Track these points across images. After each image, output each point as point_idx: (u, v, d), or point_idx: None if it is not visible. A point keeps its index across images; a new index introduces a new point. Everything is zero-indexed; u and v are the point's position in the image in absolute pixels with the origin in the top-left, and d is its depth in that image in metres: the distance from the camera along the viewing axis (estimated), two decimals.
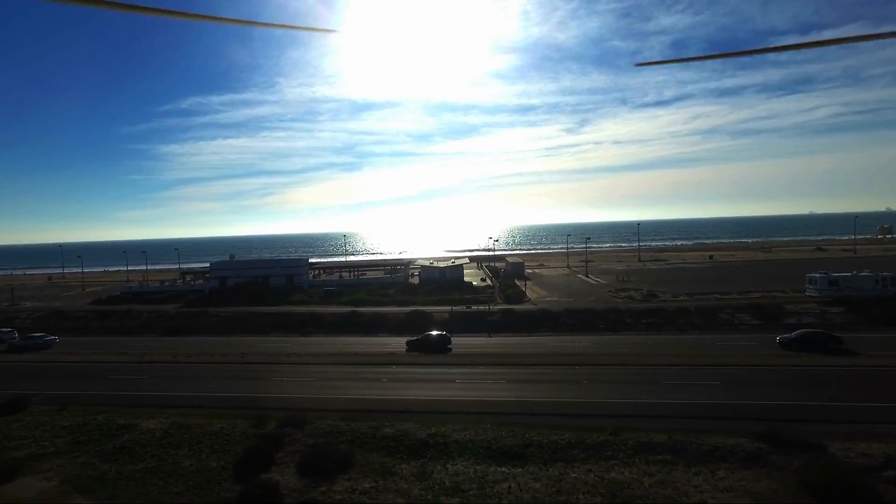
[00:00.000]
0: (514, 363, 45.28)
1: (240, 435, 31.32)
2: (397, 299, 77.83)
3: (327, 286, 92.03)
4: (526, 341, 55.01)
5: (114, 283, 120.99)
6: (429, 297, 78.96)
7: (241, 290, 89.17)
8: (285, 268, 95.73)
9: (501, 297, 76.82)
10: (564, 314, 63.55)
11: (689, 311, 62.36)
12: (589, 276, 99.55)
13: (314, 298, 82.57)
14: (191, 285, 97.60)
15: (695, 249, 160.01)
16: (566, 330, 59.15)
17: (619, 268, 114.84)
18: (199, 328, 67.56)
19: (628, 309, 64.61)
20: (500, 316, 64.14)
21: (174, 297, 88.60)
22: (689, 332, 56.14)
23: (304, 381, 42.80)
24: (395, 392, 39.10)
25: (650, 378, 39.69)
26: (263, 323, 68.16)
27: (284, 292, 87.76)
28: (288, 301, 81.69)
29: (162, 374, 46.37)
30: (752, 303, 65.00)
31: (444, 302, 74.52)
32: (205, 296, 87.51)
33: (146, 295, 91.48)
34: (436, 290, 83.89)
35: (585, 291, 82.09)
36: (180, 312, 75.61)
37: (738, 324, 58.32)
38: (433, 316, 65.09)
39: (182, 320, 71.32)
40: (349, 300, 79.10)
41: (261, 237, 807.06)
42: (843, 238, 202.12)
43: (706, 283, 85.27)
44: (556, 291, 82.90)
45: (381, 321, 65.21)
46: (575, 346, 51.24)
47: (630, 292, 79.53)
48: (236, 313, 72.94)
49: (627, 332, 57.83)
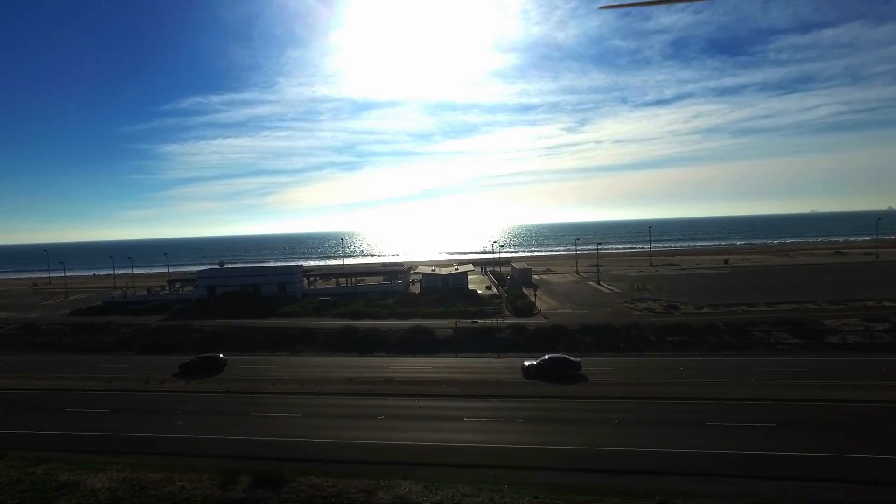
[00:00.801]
0: (530, 395, 39.48)
1: (202, 500, 25.55)
2: (397, 311, 72.07)
3: (322, 295, 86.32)
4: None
5: (100, 290, 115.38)
6: (431, 307, 73.22)
7: (231, 299, 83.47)
8: (278, 276, 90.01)
9: (510, 309, 71.05)
10: (581, 331, 57.76)
11: (719, 328, 56.58)
12: (601, 284, 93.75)
13: (307, 310, 76.82)
14: (177, 294, 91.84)
15: (707, 252, 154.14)
16: (584, 350, 53.35)
17: (630, 273, 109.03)
18: (181, 345, 61.79)
19: (650, 324, 58.80)
20: (509, 333, 58.36)
21: (159, 308, 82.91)
22: (721, 353, 50.35)
23: (288, 416, 37.06)
24: (394, 434, 33.34)
25: (692, 417, 33.90)
26: (251, 339, 62.42)
27: (276, 302, 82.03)
28: (279, 312, 75.96)
29: (127, 406, 40.60)
30: (787, 317, 59.22)
31: (448, 314, 68.78)
32: (191, 306, 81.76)
33: (129, 305, 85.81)
34: (438, 299, 78.18)
35: (599, 302, 76.30)
36: (162, 326, 69.86)
37: (774, 343, 52.49)
38: (436, 332, 59.32)
39: (163, 336, 65.57)
40: (345, 312, 73.37)
41: (261, 237, 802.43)
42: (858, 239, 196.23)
43: (728, 293, 79.52)
44: (568, 301, 77.13)
45: (379, 338, 59.46)
46: (597, 370, 45.43)
47: (648, 303, 73.77)
48: (223, 327, 67.20)
49: (652, 352, 52.04)
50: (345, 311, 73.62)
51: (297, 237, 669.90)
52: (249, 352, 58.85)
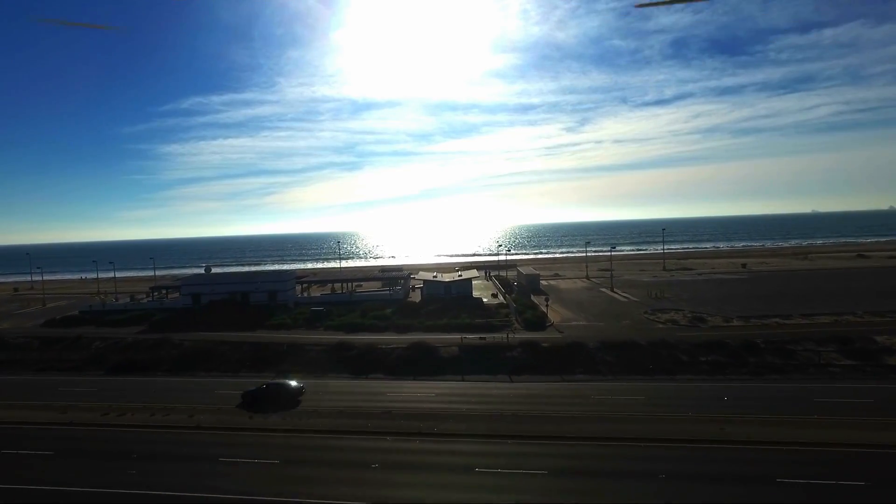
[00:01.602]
0: (553, 435, 33.15)
1: None
2: (396, 323, 65.77)
3: (315, 304, 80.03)
4: (559, 390, 42.92)
5: (84, 296, 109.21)
6: (433, 319, 66.94)
7: (216, 309, 77.20)
8: (267, 283, 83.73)
9: (520, 322, 64.75)
10: (601, 349, 51.47)
11: (759, 346, 50.26)
12: (615, 291, 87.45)
13: (298, 321, 70.53)
14: (160, 302, 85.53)
15: (721, 255, 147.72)
16: (607, 371, 47.09)
17: (644, 279, 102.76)
18: (156, 363, 55.53)
19: (679, 341, 52.51)
20: (521, 351, 52.06)
21: (139, 318, 76.61)
22: (766, 378, 44.03)
23: (264, 464, 30.74)
24: (390, 491, 27.06)
25: (757, 469, 27.60)
26: (233, 357, 56.16)
27: (265, 312, 75.76)
28: (268, 324, 69.68)
29: (73, 451, 34.09)
30: (831, 332, 52.93)
31: (452, 327, 62.52)
32: (173, 316, 75.47)
33: (108, 315, 79.49)
34: (441, 309, 71.91)
35: (616, 312, 70.01)
36: (138, 341, 63.58)
37: (824, 364, 46.18)
38: (439, 350, 53.04)
39: (137, 352, 59.32)
40: (339, 324, 67.11)
41: (261, 237, 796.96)
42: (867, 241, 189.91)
43: (754, 301, 73.26)
44: (582, 312, 70.85)
45: (376, 356, 53.20)
46: (626, 400, 39.16)
47: (670, 313, 67.52)
48: (204, 342, 60.95)
49: (685, 374, 45.73)
50: (339, 323, 67.37)
51: (297, 237, 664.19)
52: (231, 373, 52.58)
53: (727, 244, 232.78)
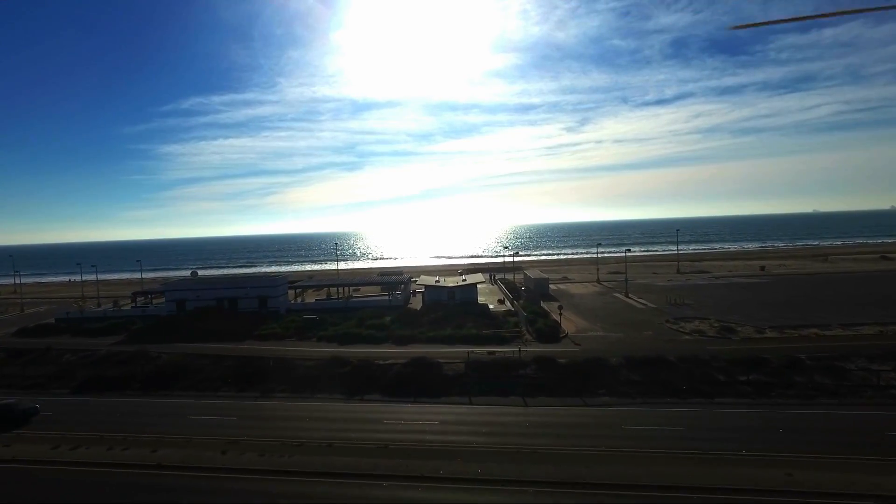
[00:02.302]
0: (582, 482, 27.45)
1: None
2: (395, 334, 60.15)
3: (309, 311, 74.53)
4: (581, 418, 37.27)
5: (66, 300, 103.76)
6: (435, 328, 61.36)
7: (201, 317, 71.61)
8: (258, 288, 78.10)
9: (531, 332, 59.13)
10: (625, 366, 45.80)
11: (803, 363, 44.61)
12: (630, 296, 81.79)
13: (289, 330, 64.94)
14: (143, 309, 79.91)
15: (736, 257, 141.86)
16: (634, 393, 41.40)
17: (658, 283, 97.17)
18: (128, 379, 49.90)
19: (713, 357, 46.84)
20: (535, 368, 46.38)
21: (118, 327, 71.09)
22: (818, 402, 38.32)
23: None
24: None
25: None
26: (214, 373, 50.55)
27: (255, 320, 70.24)
28: (256, 334, 64.15)
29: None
30: (881, 346, 47.37)
31: (457, 339, 56.96)
32: (155, 325, 69.89)
33: (85, 323, 74.02)
34: (444, 317, 66.34)
35: (635, 321, 64.39)
36: (112, 353, 58.02)
37: (885, 386, 40.48)
38: (443, 367, 47.41)
39: (109, 366, 53.75)
40: (333, 334, 61.57)
41: (262, 237, 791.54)
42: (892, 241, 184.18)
43: (783, 308, 67.70)
44: (598, 320, 65.21)
45: (373, 373, 47.59)
46: (662, 432, 33.53)
47: (694, 322, 61.96)
48: (183, 356, 55.41)
49: (725, 398, 40.02)
50: (333, 334, 61.82)
51: (298, 237, 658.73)
52: (210, 391, 46.97)
53: (736, 245, 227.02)
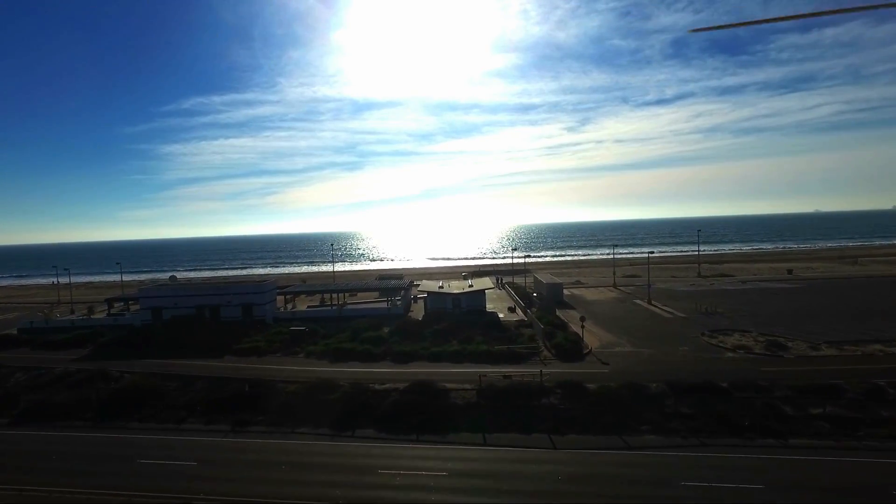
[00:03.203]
0: None
1: None
2: (394, 349, 52.59)
3: (299, 320, 67.06)
4: (627, 467, 29.64)
5: (43, 305, 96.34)
6: (440, 343, 53.84)
7: (179, 327, 64.14)
8: (242, 295, 70.51)
9: (550, 348, 51.59)
10: (669, 393, 38.24)
11: (884, 391, 37.08)
12: (653, 304, 74.20)
13: (275, 344, 57.46)
14: (114, 318, 72.34)
15: (758, 259, 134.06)
16: (686, 430, 33.83)
17: (679, 287, 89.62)
18: (79, 407, 42.32)
19: (772, 382, 39.29)
20: (562, 396, 38.83)
21: (85, 338, 63.56)
22: None
23: None
24: None
25: None
26: (181, 399, 43.04)
27: (238, 330, 62.79)
28: (237, 348, 56.61)
29: None
30: None
31: (465, 356, 49.53)
32: (125, 337, 62.34)
33: (50, 333, 66.50)
34: (449, 329, 58.79)
35: (666, 333, 56.88)
36: (68, 373, 50.53)
37: None
38: (450, 394, 39.86)
39: (60, 390, 46.24)
40: (324, 350, 54.09)
41: (262, 237, 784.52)
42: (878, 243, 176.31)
43: (830, 318, 60.20)
44: (623, 333, 57.68)
45: (366, 400, 40.02)
46: (737, 493, 25.98)
47: (734, 336, 54.46)
48: (150, 376, 47.93)
49: (799, 438, 32.48)
50: (324, 349, 54.32)
51: (298, 237, 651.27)
52: (173, 423, 39.44)
53: (748, 245, 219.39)
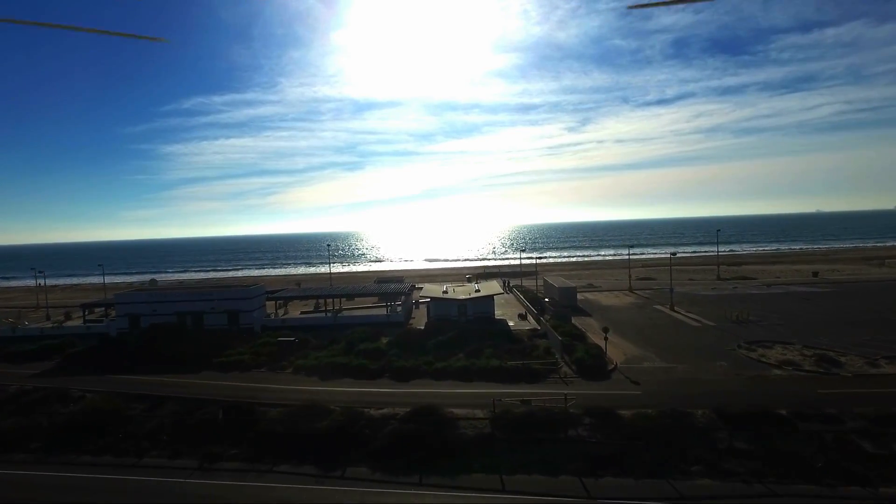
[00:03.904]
0: None
1: None
2: (393, 365, 46.52)
3: (289, 328, 61.05)
4: None
5: (19, 310, 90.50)
6: (445, 357, 47.86)
7: (158, 336, 58.16)
8: (228, 301, 64.47)
9: (569, 364, 45.49)
10: (719, 424, 32.15)
11: None
12: (676, 310, 68.08)
13: (260, 357, 51.45)
14: (87, 327, 66.35)
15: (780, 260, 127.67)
16: (746, 472, 27.72)
17: (702, 291, 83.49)
18: (27, 435, 36.36)
19: (840, 410, 33.19)
20: (592, 426, 32.72)
21: (53, 349, 57.68)
22: None
23: None
24: None
25: None
26: (146, 425, 37.01)
27: (222, 340, 56.82)
28: (218, 362, 50.64)
29: None
30: None
31: (474, 372, 43.52)
32: (96, 348, 56.40)
33: (14, 344, 60.57)
34: (455, 339, 52.75)
35: (697, 345, 50.80)
36: (23, 392, 44.56)
37: None
38: (459, 424, 33.79)
39: (10, 413, 40.16)
40: (313, 365, 48.07)
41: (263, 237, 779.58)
42: None
43: (883, 327, 54.09)
44: (649, 344, 51.61)
45: (360, 429, 33.97)
46: None
47: (775, 348, 48.44)
48: (114, 395, 41.97)
49: (891, 485, 26.43)
50: (314, 363, 48.30)
51: (298, 237, 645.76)
52: (133, 457, 33.40)
53: (754, 245, 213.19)
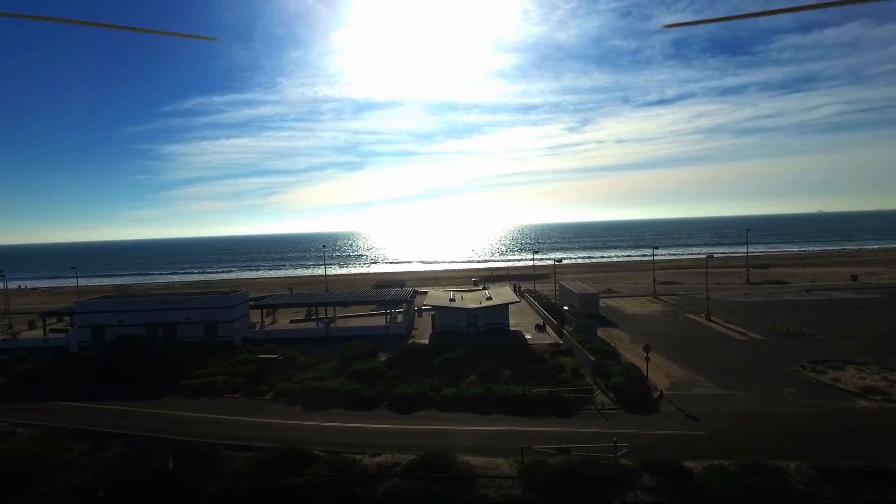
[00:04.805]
0: None
1: None
2: (392, 392, 38.61)
3: (273, 342, 53.24)
4: None
5: None
6: (455, 379, 40.11)
7: (123, 351, 50.41)
8: (204, 310, 56.61)
9: (606, 390, 37.61)
10: (820, 482, 24.34)
11: None
12: (713, 320, 60.16)
13: (236, 378, 43.57)
14: (44, 340, 58.45)
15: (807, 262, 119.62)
16: None
17: (735, 298, 75.57)
18: None
19: None
20: (653, 488, 24.83)
21: (4, 364, 49.98)
22: None
23: None
24: None
25: None
26: (82, 475, 29.31)
27: (196, 356, 49.06)
28: (186, 384, 42.82)
29: None
30: None
31: (491, 403, 35.71)
32: (54, 363, 48.66)
33: None
34: (465, 357, 44.93)
35: (751, 365, 42.95)
36: None
37: None
38: (479, 484, 25.95)
39: None
40: (298, 391, 40.14)
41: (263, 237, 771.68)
42: None
43: None
44: (695, 365, 43.74)
45: (349, 489, 26.22)
46: None
47: (847, 370, 40.62)
48: (48, 431, 34.27)
49: None
50: (299, 387, 40.34)
51: (297, 238, 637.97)
52: None
53: (774, 247, 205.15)
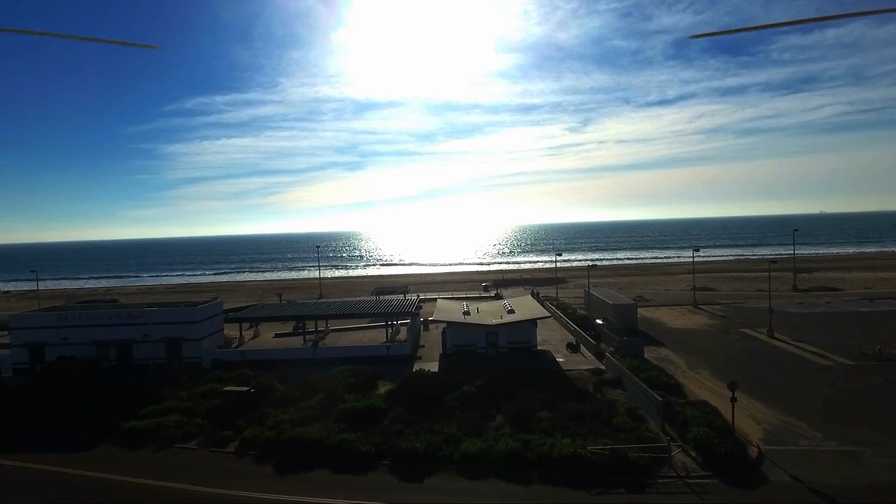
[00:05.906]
0: None
1: None
2: (396, 447, 28.75)
3: (248, 365, 43.33)
4: None
5: None
6: (476, 423, 30.47)
7: (64, 376, 40.76)
8: (166, 325, 46.58)
9: (687, 447, 27.76)
10: None
11: None
12: (777, 338, 50.26)
13: (194, 419, 33.67)
14: None
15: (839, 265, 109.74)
16: None
17: (791, 309, 65.68)
18: None
19: None
20: None
21: None
22: None
23: None
24: None
25: None
26: None
27: (150, 384, 39.32)
28: (129, 427, 32.96)
29: None
30: None
31: (529, 463, 25.96)
32: None
33: None
34: (487, 390, 35.10)
35: (859, 404, 33.17)
36: None
37: None
38: None
39: None
40: (272, 439, 30.28)
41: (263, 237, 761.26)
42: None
43: None
44: (783, 402, 33.94)
45: None
46: None
47: None
48: None
49: None
50: (272, 437, 30.44)
51: (297, 238, 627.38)
52: None
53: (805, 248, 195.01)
